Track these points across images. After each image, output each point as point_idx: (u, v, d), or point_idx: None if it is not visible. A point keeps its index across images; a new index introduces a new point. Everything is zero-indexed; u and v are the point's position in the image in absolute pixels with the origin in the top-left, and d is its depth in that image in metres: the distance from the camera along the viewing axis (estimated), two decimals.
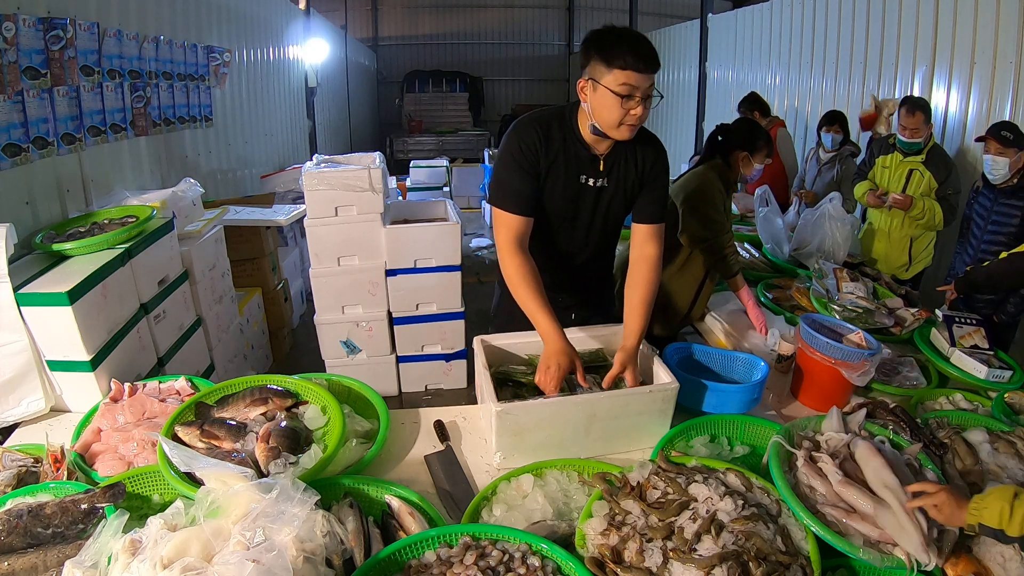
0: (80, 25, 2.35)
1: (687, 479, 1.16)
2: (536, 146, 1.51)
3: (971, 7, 3.39)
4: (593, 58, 1.40)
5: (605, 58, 1.38)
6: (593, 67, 1.41)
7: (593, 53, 1.40)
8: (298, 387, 1.47)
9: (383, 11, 12.26)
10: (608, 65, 1.38)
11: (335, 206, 2.81)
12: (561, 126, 1.54)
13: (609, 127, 1.44)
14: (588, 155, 1.55)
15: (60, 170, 2.29)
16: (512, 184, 1.53)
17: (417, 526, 1.12)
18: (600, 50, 1.39)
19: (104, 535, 1.02)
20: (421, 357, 3.14)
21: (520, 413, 1.30)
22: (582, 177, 1.57)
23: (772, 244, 2.75)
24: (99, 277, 1.73)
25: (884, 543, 1.05)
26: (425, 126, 11.07)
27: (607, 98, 1.40)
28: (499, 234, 1.55)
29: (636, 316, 1.54)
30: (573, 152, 1.54)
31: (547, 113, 1.57)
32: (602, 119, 1.44)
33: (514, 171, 1.52)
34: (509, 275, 1.51)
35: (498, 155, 1.57)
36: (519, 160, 1.51)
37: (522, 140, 1.52)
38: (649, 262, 1.60)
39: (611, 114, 1.41)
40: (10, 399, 1.56)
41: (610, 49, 1.38)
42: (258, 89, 4.96)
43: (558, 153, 1.53)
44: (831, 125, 3.75)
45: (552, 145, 1.53)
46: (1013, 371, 1.73)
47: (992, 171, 2.47)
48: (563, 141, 1.53)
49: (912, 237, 2.98)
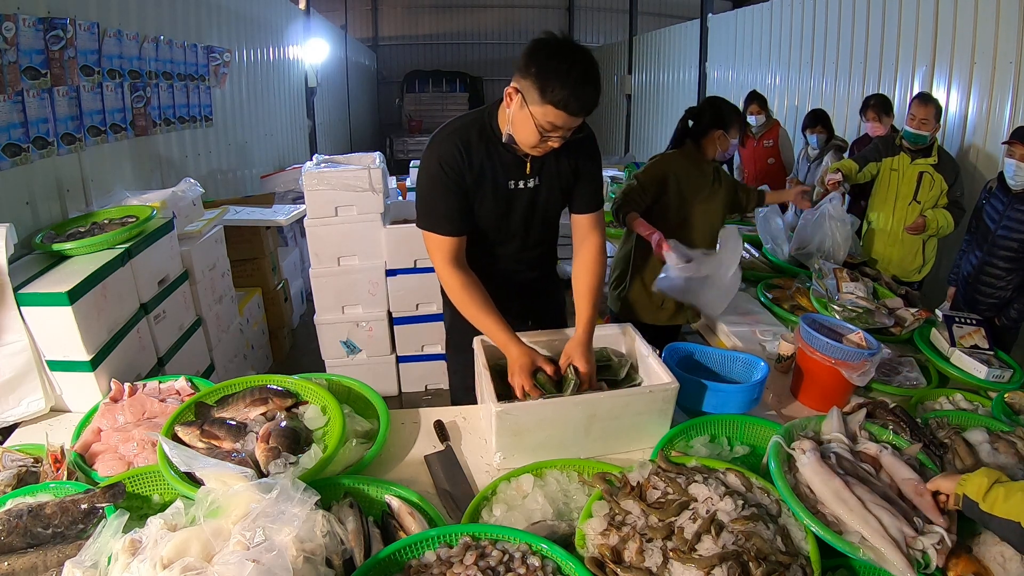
0: (80, 25, 2.35)
1: (687, 479, 1.16)
2: (458, 161, 1.43)
3: (971, 7, 3.39)
4: (531, 75, 1.27)
5: (541, 86, 1.26)
6: (527, 84, 1.28)
7: (533, 71, 1.27)
8: (298, 387, 1.47)
9: (383, 11, 12.26)
10: (542, 95, 1.26)
11: (335, 206, 2.81)
12: (481, 133, 1.45)
13: (523, 145, 1.38)
14: (514, 159, 1.46)
15: (60, 170, 2.29)
16: (439, 206, 1.46)
17: (417, 526, 1.12)
18: (541, 74, 1.26)
19: (104, 535, 1.02)
20: (421, 357, 3.14)
21: (520, 413, 1.30)
22: (511, 183, 1.49)
23: (772, 244, 2.75)
24: (99, 277, 1.73)
25: None
26: (425, 126, 11.05)
27: (528, 123, 1.31)
28: (434, 256, 1.50)
29: (585, 305, 1.54)
30: (498, 159, 1.46)
31: (465, 122, 1.48)
32: (519, 136, 1.37)
33: (439, 191, 1.45)
34: (454, 294, 1.49)
35: (419, 175, 1.49)
36: (442, 179, 1.43)
37: (442, 158, 1.43)
38: (593, 251, 1.59)
39: (529, 138, 1.35)
40: (10, 399, 1.56)
41: (551, 79, 1.25)
42: (258, 89, 4.96)
43: (483, 163, 1.45)
44: (814, 126, 3.79)
45: (475, 156, 1.44)
46: (1013, 371, 1.73)
47: (1014, 176, 2.40)
48: (486, 150, 1.45)
49: (923, 239, 2.94)
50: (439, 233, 1.47)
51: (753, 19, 6.05)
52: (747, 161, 4.39)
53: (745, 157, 4.42)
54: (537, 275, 1.76)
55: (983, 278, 2.59)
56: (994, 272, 2.55)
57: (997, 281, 2.56)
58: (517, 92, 1.31)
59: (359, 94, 10.61)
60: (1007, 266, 2.51)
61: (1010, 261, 2.50)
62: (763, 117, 4.24)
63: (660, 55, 8.48)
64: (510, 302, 1.58)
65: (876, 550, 1.01)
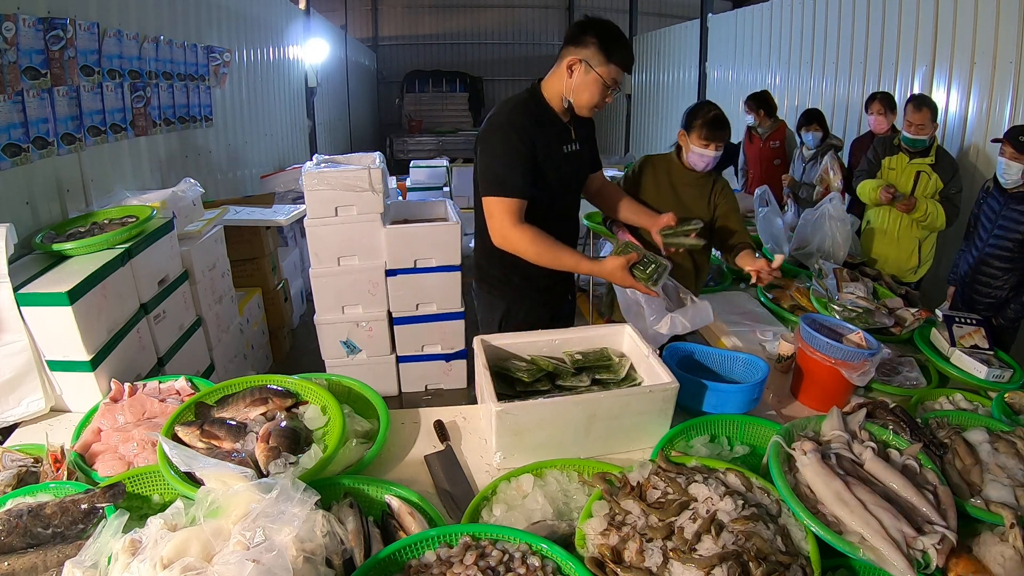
0: (80, 25, 2.35)
1: (687, 479, 1.16)
2: (528, 129, 1.63)
3: (971, 7, 3.40)
4: (593, 45, 1.56)
5: (606, 50, 1.56)
6: (590, 52, 1.57)
7: (596, 42, 1.56)
8: (298, 387, 1.47)
9: (383, 11, 12.24)
10: (608, 58, 1.57)
11: (335, 206, 2.81)
12: (538, 105, 1.69)
13: (583, 107, 1.65)
14: (563, 125, 1.72)
15: (60, 170, 2.29)
16: (514, 171, 1.62)
17: (417, 526, 1.12)
18: (604, 42, 1.56)
19: (104, 535, 1.01)
20: (421, 357, 3.14)
21: (520, 413, 1.30)
22: (564, 147, 1.73)
23: (772, 244, 2.75)
24: (99, 277, 1.73)
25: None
26: (425, 126, 11.06)
27: (596, 84, 1.60)
28: (502, 221, 1.62)
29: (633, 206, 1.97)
30: (552, 128, 1.70)
31: (521, 99, 1.70)
32: (581, 99, 1.63)
33: (513, 157, 1.62)
34: (528, 247, 1.62)
35: (488, 146, 1.65)
36: (516, 146, 1.61)
37: (516, 127, 1.62)
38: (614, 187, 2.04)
39: (592, 98, 1.62)
40: (10, 399, 1.56)
41: (612, 45, 1.56)
42: (258, 89, 4.96)
43: (546, 132, 1.67)
44: (809, 124, 3.78)
45: (540, 126, 1.66)
46: (1013, 371, 1.73)
47: (1004, 175, 2.43)
48: (545, 120, 1.68)
49: (919, 239, 2.96)
50: (513, 196, 1.62)
51: (753, 19, 6.05)
52: (753, 161, 4.36)
53: (751, 157, 4.38)
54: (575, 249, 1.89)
55: (980, 278, 2.60)
56: (991, 272, 2.56)
57: (994, 281, 2.56)
58: (581, 62, 1.59)
59: (359, 94, 10.60)
60: (1004, 266, 2.52)
61: (1006, 261, 2.50)
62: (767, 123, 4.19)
63: (660, 55, 8.49)
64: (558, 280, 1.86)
65: (876, 550, 1.01)
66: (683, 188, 2.09)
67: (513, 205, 1.62)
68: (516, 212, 1.62)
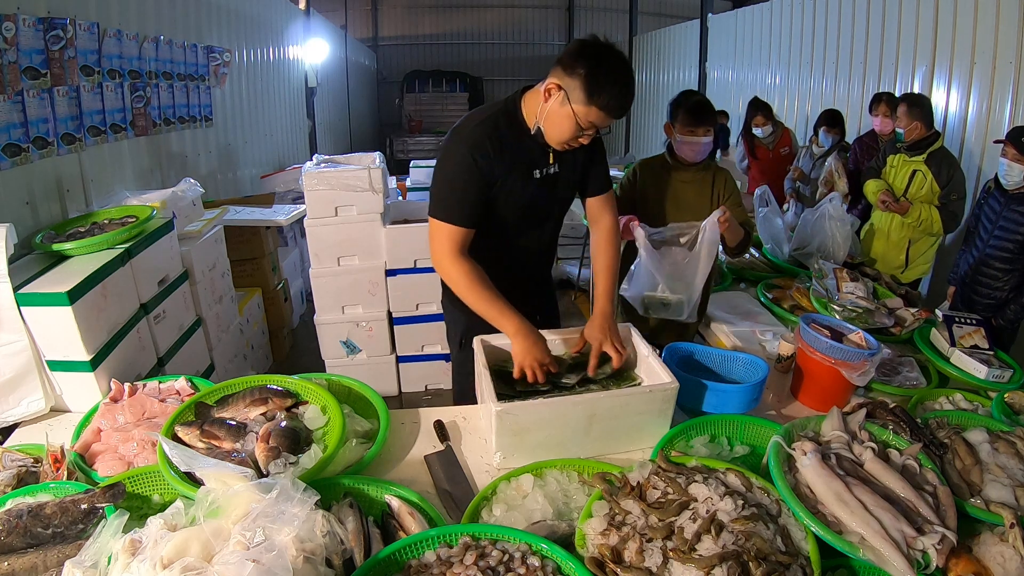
0: (80, 25, 2.35)
1: (687, 479, 1.16)
2: (489, 150, 1.44)
3: (971, 7, 3.40)
4: (579, 77, 1.32)
5: (590, 88, 1.31)
6: (573, 83, 1.33)
7: (584, 74, 1.31)
8: (298, 387, 1.47)
9: (383, 11, 12.25)
10: (589, 97, 1.32)
11: (335, 206, 2.81)
12: (510, 123, 1.48)
13: (551, 139, 1.43)
14: (539, 148, 1.49)
15: (60, 170, 2.29)
16: (462, 195, 1.46)
17: (417, 526, 1.12)
18: (590, 77, 1.31)
19: (104, 535, 1.01)
20: (421, 357, 3.14)
21: (520, 413, 1.30)
22: (536, 171, 1.52)
23: (772, 244, 2.75)
24: (99, 277, 1.73)
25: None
26: (425, 126, 11.05)
27: (568, 121, 1.37)
28: (440, 247, 1.48)
29: (605, 280, 1.59)
30: (525, 149, 1.49)
31: (491, 113, 1.49)
32: (552, 131, 1.41)
33: (464, 181, 1.45)
34: (457, 282, 1.48)
35: (443, 164, 1.48)
36: (471, 168, 1.44)
37: (474, 147, 1.44)
38: (608, 228, 1.67)
39: (562, 133, 1.40)
40: (10, 399, 1.56)
41: (601, 84, 1.31)
42: (258, 89, 4.96)
43: (513, 153, 1.47)
44: (832, 127, 3.74)
45: (506, 149, 1.46)
46: (1013, 371, 1.73)
47: (1006, 176, 2.42)
48: (514, 140, 1.47)
49: (911, 240, 2.97)
50: (454, 223, 1.46)
51: (753, 19, 6.06)
52: (764, 173, 4.13)
53: (761, 169, 4.22)
54: (544, 273, 1.78)
55: (980, 279, 2.60)
56: (991, 272, 2.55)
57: (994, 282, 2.56)
58: (559, 89, 1.35)
59: (359, 94, 10.61)
60: (1004, 267, 2.51)
61: (1007, 262, 2.50)
62: (770, 127, 4.13)
63: (660, 55, 8.50)
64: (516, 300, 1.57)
65: (876, 550, 1.01)
66: (682, 188, 2.07)
67: (454, 233, 1.46)
68: (456, 241, 1.47)
